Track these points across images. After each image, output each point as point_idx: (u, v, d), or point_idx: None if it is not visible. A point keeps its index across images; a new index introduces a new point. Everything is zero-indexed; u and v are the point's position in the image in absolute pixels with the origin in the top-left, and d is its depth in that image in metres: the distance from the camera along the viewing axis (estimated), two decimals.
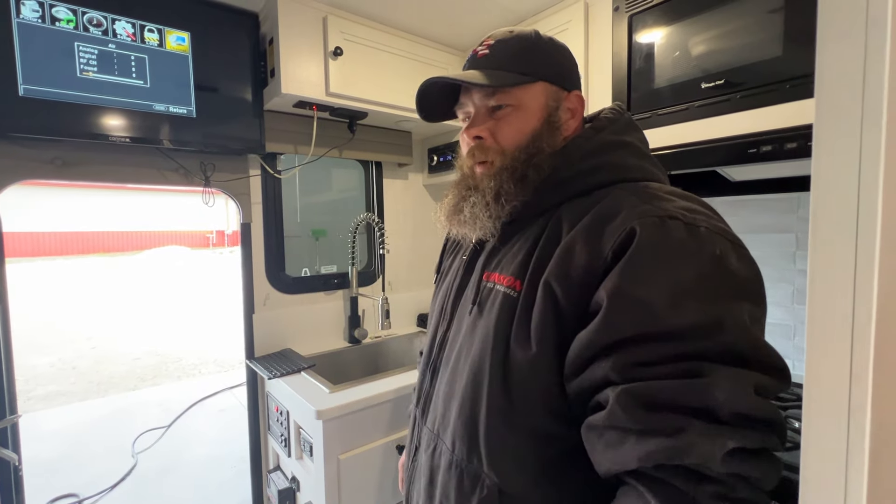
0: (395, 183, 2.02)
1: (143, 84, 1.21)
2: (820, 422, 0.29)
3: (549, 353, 0.52)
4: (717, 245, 0.47)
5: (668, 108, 1.04)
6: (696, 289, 0.45)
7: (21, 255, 15.77)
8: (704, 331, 0.44)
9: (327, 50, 1.39)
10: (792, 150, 0.83)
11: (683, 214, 0.49)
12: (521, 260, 0.58)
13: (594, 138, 0.62)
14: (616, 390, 0.44)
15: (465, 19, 1.52)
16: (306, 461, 1.31)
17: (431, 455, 0.65)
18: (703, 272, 0.46)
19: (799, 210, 1.20)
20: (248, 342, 1.60)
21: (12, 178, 1.18)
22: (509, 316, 0.56)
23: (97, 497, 2.16)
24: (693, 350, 0.44)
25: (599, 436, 0.47)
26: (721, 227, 0.50)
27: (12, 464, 1.19)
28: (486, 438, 0.56)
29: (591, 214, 0.54)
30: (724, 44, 0.94)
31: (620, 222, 0.50)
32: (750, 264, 0.49)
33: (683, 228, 0.48)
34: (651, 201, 0.52)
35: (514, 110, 0.62)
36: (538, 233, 0.59)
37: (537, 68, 0.62)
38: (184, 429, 2.94)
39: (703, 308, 0.44)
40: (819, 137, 0.27)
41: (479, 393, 0.57)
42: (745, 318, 0.45)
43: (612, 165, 0.60)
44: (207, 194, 1.47)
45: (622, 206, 0.52)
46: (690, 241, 0.47)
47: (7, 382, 1.20)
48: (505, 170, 0.61)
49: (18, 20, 1.04)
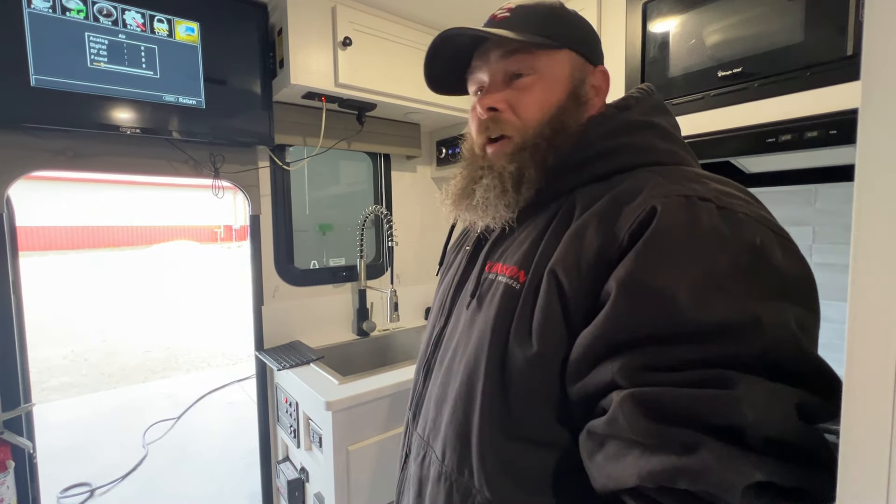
0: (404, 175, 2.01)
1: (153, 75, 1.21)
2: (860, 438, 0.25)
3: (551, 352, 0.45)
4: (758, 234, 0.40)
5: (682, 98, 1.02)
6: (729, 281, 0.38)
7: (33, 250, 16.00)
8: (736, 331, 0.36)
9: (336, 40, 1.38)
10: (812, 139, 0.81)
11: (717, 197, 0.42)
12: (526, 249, 0.52)
13: (617, 117, 0.54)
14: (621, 394, 0.38)
15: (476, 9, 1.50)
16: (315, 452, 1.32)
17: (421, 464, 0.58)
18: (738, 263, 0.38)
19: (816, 202, 1.18)
20: (257, 334, 1.60)
21: (25, 169, 1.19)
22: (510, 309, 0.49)
23: (109, 487, 2.19)
24: (720, 354, 0.36)
25: (599, 445, 0.40)
26: (763, 216, 0.42)
27: (27, 451, 1.20)
28: (479, 448, 0.49)
29: (607, 196, 0.48)
30: (741, 31, 0.92)
31: (640, 202, 0.43)
32: (798, 261, 0.41)
33: (716, 211, 0.40)
34: (680, 182, 0.45)
35: (538, 79, 0.54)
36: (548, 220, 0.53)
37: (564, 35, 0.55)
38: (193, 420, 2.97)
39: (736, 304, 0.37)
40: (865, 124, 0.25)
41: (473, 396, 0.50)
42: (790, 321, 0.37)
43: (636, 148, 0.53)
44: (217, 187, 1.47)
45: (644, 186, 0.46)
46: (724, 225, 0.40)
47: (22, 372, 1.22)
48: (526, 149, 0.54)
49: (30, 10, 1.04)
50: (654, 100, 0.57)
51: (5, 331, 1.18)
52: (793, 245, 0.42)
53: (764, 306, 0.37)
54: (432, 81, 0.64)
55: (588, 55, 0.57)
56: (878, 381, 0.25)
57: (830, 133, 0.79)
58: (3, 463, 1.11)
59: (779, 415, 0.34)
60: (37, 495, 1.27)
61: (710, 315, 0.37)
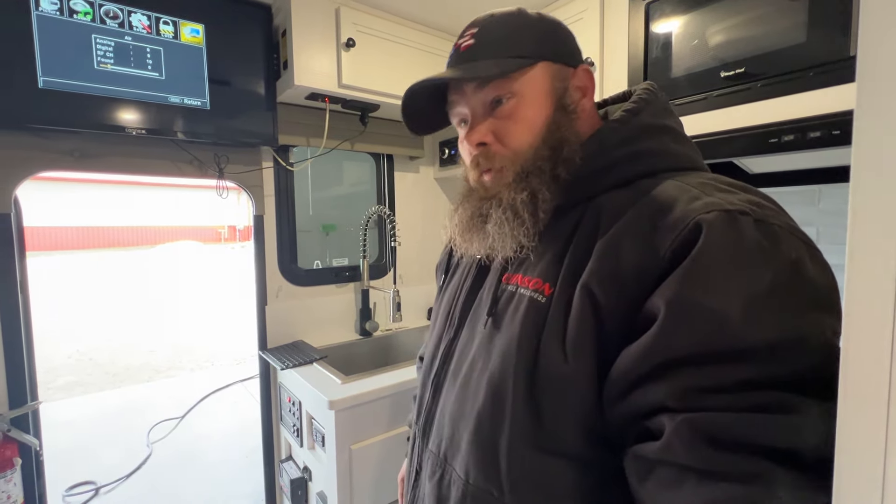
0: (407, 176, 2.01)
1: (159, 76, 1.22)
2: (855, 437, 0.25)
3: (587, 369, 0.44)
4: (794, 248, 0.39)
5: (685, 98, 1.02)
6: (775, 299, 0.37)
7: (39, 249, 16.12)
8: (787, 350, 0.36)
9: (340, 41, 1.39)
10: (815, 139, 0.81)
11: (753, 210, 0.41)
12: (550, 259, 0.50)
13: (632, 121, 0.52)
14: (675, 419, 0.36)
15: (479, 9, 1.50)
16: (318, 451, 1.32)
17: (438, 483, 0.56)
18: (779, 280, 0.37)
19: (819, 203, 1.18)
20: (260, 333, 1.61)
21: (32, 169, 1.20)
22: (537, 325, 0.48)
23: (113, 485, 2.21)
24: (772, 375, 0.35)
25: (649, 470, 0.38)
26: (793, 226, 0.42)
27: (34, 449, 1.21)
28: (509, 465, 0.48)
29: (637, 206, 0.46)
30: (744, 31, 0.92)
31: (680, 216, 0.42)
32: (826, 270, 0.41)
33: (755, 227, 0.40)
34: (713, 193, 0.43)
35: (519, 102, 0.53)
36: (571, 229, 0.50)
37: (533, 47, 0.53)
38: (197, 420, 2.99)
39: (785, 322, 0.36)
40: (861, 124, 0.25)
41: (501, 414, 0.49)
42: (829, 334, 0.37)
43: (655, 152, 0.51)
44: (221, 188, 1.48)
45: (678, 197, 0.44)
46: (765, 241, 0.39)
47: (29, 370, 1.23)
48: (529, 174, 0.52)
49: (38, 13, 1.06)
50: (662, 100, 0.56)
51: (13, 330, 1.19)
52: (819, 254, 0.42)
53: (807, 322, 0.37)
54: (414, 129, 0.63)
55: (565, 58, 0.55)
56: (873, 381, 0.25)
57: (833, 133, 0.79)
58: (11, 460, 1.12)
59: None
60: (43, 492, 1.29)
61: (762, 334, 0.36)
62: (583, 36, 1.30)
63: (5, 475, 1.11)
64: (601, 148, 0.52)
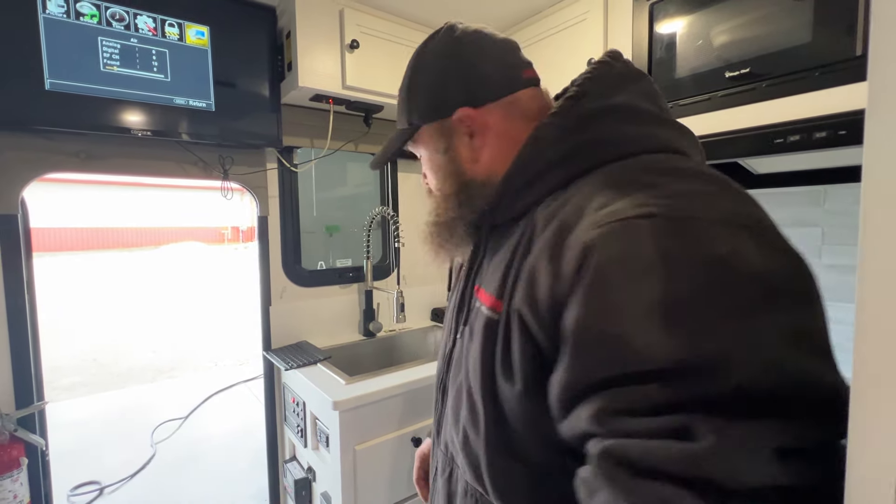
0: (410, 177, 2.02)
1: (164, 78, 1.23)
2: (868, 441, 0.24)
3: (535, 389, 0.44)
4: (723, 242, 0.34)
5: (690, 99, 1.02)
6: (686, 312, 0.33)
7: (44, 250, 16.21)
8: (697, 371, 0.32)
9: (344, 43, 1.40)
10: (821, 139, 0.81)
11: (670, 204, 0.37)
12: (501, 274, 0.50)
13: (569, 113, 0.48)
14: (598, 447, 0.36)
15: (482, 11, 1.51)
16: (322, 451, 1.32)
17: (448, 480, 0.61)
18: (696, 286, 0.34)
19: (825, 203, 1.17)
20: (264, 334, 1.62)
21: (39, 171, 1.21)
22: (492, 344, 0.49)
23: (118, 485, 2.22)
24: (682, 398, 0.32)
25: (589, 494, 0.38)
26: (732, 212, 0.37)
27: (40, 448, 1.22)
28: (489, 471, 0.51)
29: (554, 222, 0.44)
30: (749, 31, 0.92)
31: (579, 232, 0.40)
32: (780, 252, 0.36)
33: (664, 228, 0.36)
34: (629, 191, 0.40)
35: (425, 159, 0.62)
36: (516, 241, 0.50)
37: (413, 113, 0.60)
38: (201, 420, 3.00)
39: (695, 339, 0.33)
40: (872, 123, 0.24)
41: (477, 424, 0.51)
42: (772, 339, 0.32)
43: (594, 144, 0.47)
44: (226, 189, 1.49)
45: (585, 207, 0.42)
46: (675, 245, 0.35)
47: (35, 370, 1.24)
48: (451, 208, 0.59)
49: (45, 15, 1.07)
50: (615, 71, 0.50)
51: (20, 330, 1.20)
52: (770, 235, 0.37)
53: (735, 332, 0.32)
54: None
55: (440, 112, 0.57)
56: (884, 381, 0.24)
57: (839, 133, 0.79)
58: (17, 460, 1.13)
59: (751, 462, 0.30)
60: (49, 492, 1.29)
61: (668, 354, 0.33)
62: (586, 37, 1.31)
63: (12, 475, 1.11)
64: (535, 150, 0.50)
